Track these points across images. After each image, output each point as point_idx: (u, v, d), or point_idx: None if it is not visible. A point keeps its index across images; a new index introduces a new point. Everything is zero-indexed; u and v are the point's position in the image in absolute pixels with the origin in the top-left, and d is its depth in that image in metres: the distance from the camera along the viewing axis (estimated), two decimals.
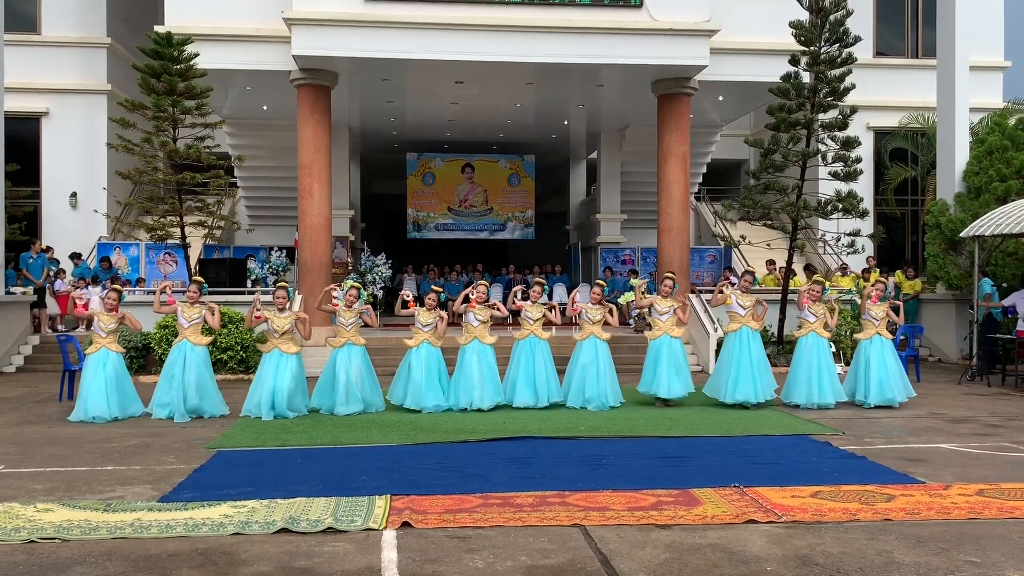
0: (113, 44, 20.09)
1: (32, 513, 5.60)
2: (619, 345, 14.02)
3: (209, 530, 5.23)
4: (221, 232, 20.49)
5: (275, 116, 19.21)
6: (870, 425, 9.38)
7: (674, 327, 10.76)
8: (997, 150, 16.40)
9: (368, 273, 19.32)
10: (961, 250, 16.46)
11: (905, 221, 22.34)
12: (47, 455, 7.69)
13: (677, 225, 16.36)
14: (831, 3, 14.42)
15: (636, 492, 6.15)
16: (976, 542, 5.05)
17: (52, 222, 19.68)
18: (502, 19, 14.81)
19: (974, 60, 17.78)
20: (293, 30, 14.55)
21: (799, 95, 14.62)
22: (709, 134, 21.68)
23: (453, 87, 17.15)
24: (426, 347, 10.28)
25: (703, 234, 24.14)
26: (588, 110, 19.77)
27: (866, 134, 20.86)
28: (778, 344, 14.58)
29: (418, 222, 23.33)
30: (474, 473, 6.85)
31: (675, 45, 15.14)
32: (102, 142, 19.15)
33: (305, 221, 15.70)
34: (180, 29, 14.81)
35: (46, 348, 15.24)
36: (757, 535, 5.17)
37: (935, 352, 17.50)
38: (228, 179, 15.88)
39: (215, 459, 7.46)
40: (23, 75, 18.96)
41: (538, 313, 10.68)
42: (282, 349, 9.88)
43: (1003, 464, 7.32)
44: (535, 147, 23.56)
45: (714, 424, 9.32)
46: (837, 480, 6.56)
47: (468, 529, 5.27)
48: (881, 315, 10.91)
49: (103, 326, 9.85)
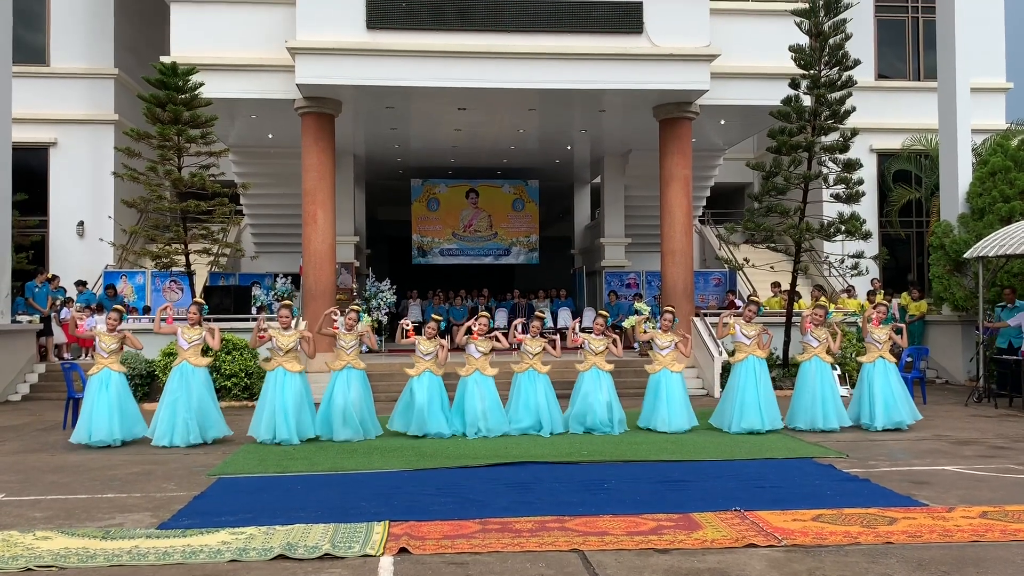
0: (120, 75, 20.32)
1: (31, 541, 5.60)
2: (623, 369, 13.99)
3: (206, 557, 5.22)
4: (226, 259, 20.64)
5: (280, 144, 19.37)
6: (874, 447, 9.31)
7: (674, 362, 10.71)
8: (1000, 171, 16.41)
9: (373, 299, 19.36)
10: (966, 271, 16.41)
11: (910, 242, 22.30)
12: (48, 483, 7.70)
13: (681, 248, 16.38)
14: (830, 27, 14.52)
15: (636, 516, 6.12)
16: (978, 565, 5.00)
17: (59, 251, 19.82)
18: (504, 46, 14.94)
19: (976, 82, 17.86)
20: (297, 59, 14.71)
21: (800, 118, 14.68)
22: (712, 157, 21.74)
23: (456, 113, 17.28)
24: (428, 376, 10.27)
25: (707, 257, 24.15)
26: (591, 135, 19.88)
27: (869, 156, 20.92)
28: (783, 367, 14.53)
29: (423, 248, 23.41)
30: (474, 499, 6.82)
31: (676, 70, 15.24)
32: (108, 171, 19.33)
33: (309, 248, 15.76)
34: (185, 59, 14.99)
35: (51, 376, 15.28)
36: (757, 559, 5.14)
37: (942, 374, 17.41)
38: (233, 207, 15.99)
39: (216, 486, 7.45)
40: (31, 106, 19.19)
41: (537, 347, 10.65)
42: (286, 367, 9.89)
43: (1008, 486, 7.26)
44: (539, 172, 23.66)
45: (717, 448, 9.27)
46: (839, 503, 6.51)
47: (466, 555, 5.25)
48: (884, 338, 10.86)
49: (104, 346, 9.87)
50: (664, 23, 15.19)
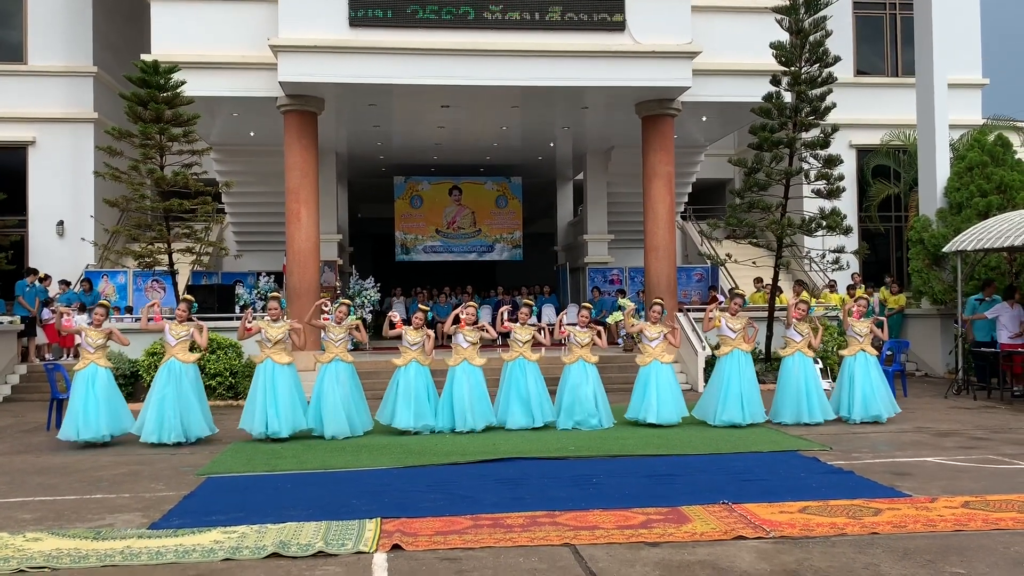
0: (100, 73, 20.14)
1: (21, 543, 5.58)
2: (608, 365, 14.06)
3: (199, 556, 5.23)
4: (209, 258, 20.50)
5: (262, 142, 19.29)
6: (857, 440, 9.44)
7: (664, 353, 10.78)
8: (977, 166, 16.63)
9: (357, 297, 19.35)
10: (945, 265, 16.63)
11: (889, 237, 22.54)
12: (35, 484, 7.66)
13: (664, 244, 16.47)
14: (810, 24, 14.65)
15: (626, 511, 6.18)
16: (962, 553, 5.10)
17: (39, 250, 19.63)
18: (487, 43, 14.96)
19: (952, 78, 18.06)
20: (279, 57, 14.65)
21: (781, 114, 14.81)
22: (694, 154, 21.86)
23: (439, 111, 17.28)
24: (414, 366, 10.26)
25: (690, 253, 24.28)
26: (573, 132, 19.94)
27: (848, 152, 21.09)
28: (766, 361, 14.66)
29: (406, 245, 23.39)
30: (464, 495, 6.87)
31: (658, 67, 15.32)
32: (89, 170, 19.16)
33: (293, 246, 15.73)
34: (167, 57, 14.89)
35: (34, 377, 15.16)
36: (746, 551, 5.21)
37: (921, 367, 17.62)
38: (215, 205, 15.90)
39: (205, 485, 7.45)
40: (10, 105, 19.00)
41: (526, 335, 10.71)
42: (275, 359, 9.87)
43: (988, 476, 7.40)
44: (522, 169, 23.69)
45: (703, 442, 9.36)
46: (825, 495, 6.61)
47: (458, 551, 5.29)
48: (865, 331, 10.99)
49: (91, 341, 9.82)
50: (646, 20, 15.26)
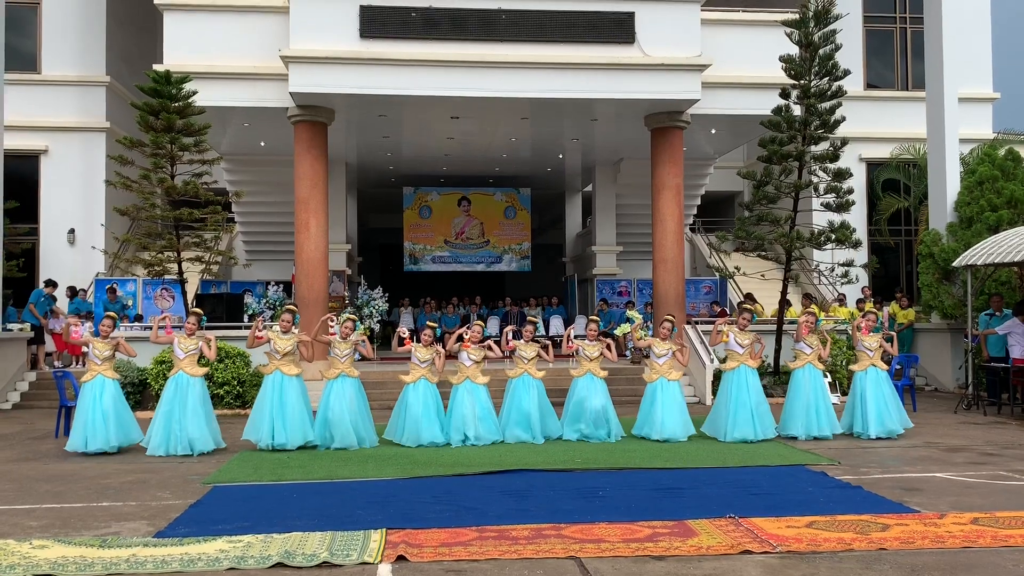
0: (112, 83, 20.30)
1: (28, 550, 5.59)
2: (616, 377, 14.02)
3: (204, 565, 5.23)
4: (218, 267, 20.60)
5: (272, 152, 19.39)
6: (866, 455, 9.39)
7: (671, 370, 10.65)
8: (987, 180, 16.58)
9: (365, 307, 19.37)
10: (955, 279, 16.56)
11: (899, 251, 22.46)
12: (43, 492, 7.68)
13: (672, 257, 16.46)
14: (820, 38, 14.66)
15: (632, 524, 6.16)
16: (970, 570, 5.06)
17: (50, 258, 19.75)
18: (496, 55, 15.02)
19: (963, 92, 18.02)
20: (290, 68, 14.74)
21: (790, 128, 14.81)
22: (703, 166, 21.87)
23: (449, 122, 17.33)
24: (423, 383, 10.26)
25: (698, 265, 24.24)
26: (583, 144, 19.97)
27: (858, 165, 21.06)
28: (774, 375, 14.61)
29: (415, 255, 23.43)
30: (470, 506, 6.85)
31: (667, 80, 15.35)
32: (100, 179, 19.30)
33: (302, 256, 15.78)
34: (179, 67, 15.00)
35: (43, 384, 15.23)
36: (752, 566, 5.18)
37: (931, 381, 17.53)
38: (225, 215, 15.99)
39: (211, 494, 7.46)
40: (23, 113, 19.14)
41: (532, 352, 10.66)
42: (283, 371, 9.90)
43: (998, 493, 7.34)
44: (531, 180, 23.74)
45: (711, 456, 9.32)
46: (832, 510, 6.57)
47: (463, 562, 5.28)
48: (875, 346, 10.93)
49: (98, 353, 9.86)
50: (656, 33, 15.30)
